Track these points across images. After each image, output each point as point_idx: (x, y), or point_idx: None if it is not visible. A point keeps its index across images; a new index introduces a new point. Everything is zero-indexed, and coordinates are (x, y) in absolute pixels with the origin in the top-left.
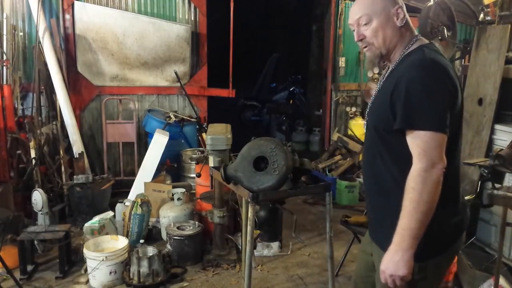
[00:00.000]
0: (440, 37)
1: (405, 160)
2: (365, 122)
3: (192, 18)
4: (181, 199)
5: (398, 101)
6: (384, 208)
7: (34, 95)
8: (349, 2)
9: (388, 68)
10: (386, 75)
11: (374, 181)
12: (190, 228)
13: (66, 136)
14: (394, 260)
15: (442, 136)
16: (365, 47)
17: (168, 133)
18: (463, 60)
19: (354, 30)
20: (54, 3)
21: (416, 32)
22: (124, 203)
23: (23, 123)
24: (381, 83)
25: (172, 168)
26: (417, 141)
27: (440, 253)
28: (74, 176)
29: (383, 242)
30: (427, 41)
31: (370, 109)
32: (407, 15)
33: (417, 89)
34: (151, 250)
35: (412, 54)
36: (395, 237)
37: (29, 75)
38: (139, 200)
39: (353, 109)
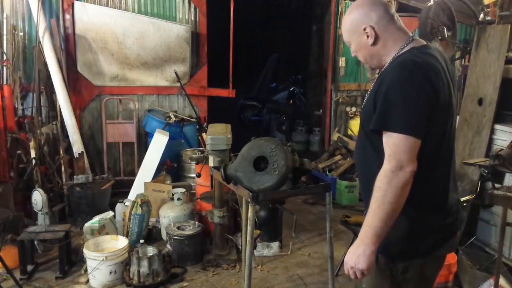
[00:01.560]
0: (440, 37)
1: None
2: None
3: (192, 18)
4: (181, 199)
5: (378, 101)
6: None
7: (34, 95)
8: (349, 2)
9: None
10: (377, 76)
11: (364, 178)
12: (190, 228)
13: (66, 136)
14: (356, 254)
15: (414, 140)
16: None
17: (168, 133)
18: (463, 60)
19: None
20: (54, 3)
21: (409, 34)
22: (124, 203)
23: (23, 123)
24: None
25: (172, 168)
26: (389, 142)
27: (424, 255)
28: (74, 176)
29: None
30: (423, 43)
31: (362, 108)
32: (392, 21)
33: (394, 91)
34: (151, 250)
35: (401, 56)
36: (360, 232)
37: (29, 75)
38: (139, 200)
39: (353, 109)
